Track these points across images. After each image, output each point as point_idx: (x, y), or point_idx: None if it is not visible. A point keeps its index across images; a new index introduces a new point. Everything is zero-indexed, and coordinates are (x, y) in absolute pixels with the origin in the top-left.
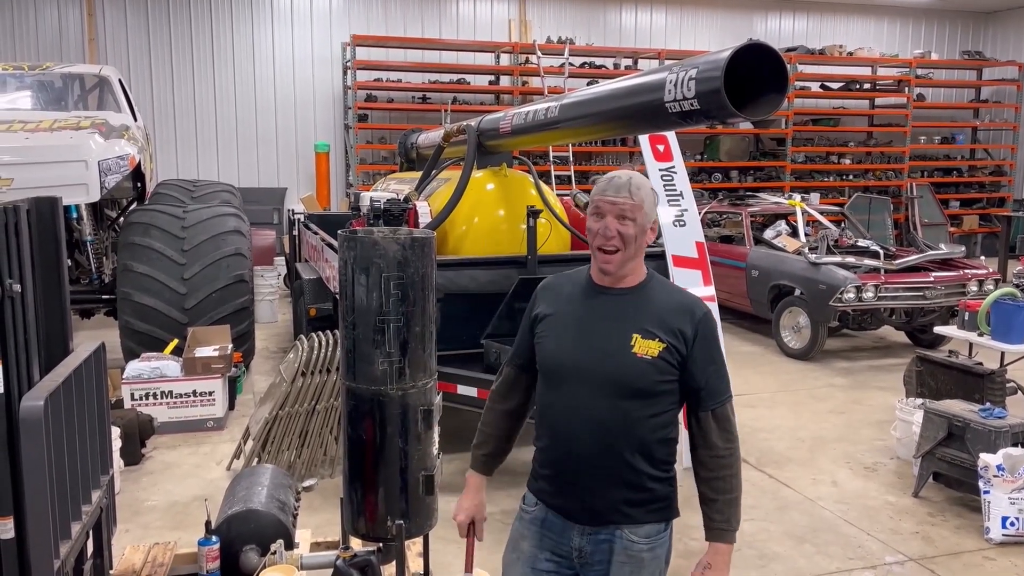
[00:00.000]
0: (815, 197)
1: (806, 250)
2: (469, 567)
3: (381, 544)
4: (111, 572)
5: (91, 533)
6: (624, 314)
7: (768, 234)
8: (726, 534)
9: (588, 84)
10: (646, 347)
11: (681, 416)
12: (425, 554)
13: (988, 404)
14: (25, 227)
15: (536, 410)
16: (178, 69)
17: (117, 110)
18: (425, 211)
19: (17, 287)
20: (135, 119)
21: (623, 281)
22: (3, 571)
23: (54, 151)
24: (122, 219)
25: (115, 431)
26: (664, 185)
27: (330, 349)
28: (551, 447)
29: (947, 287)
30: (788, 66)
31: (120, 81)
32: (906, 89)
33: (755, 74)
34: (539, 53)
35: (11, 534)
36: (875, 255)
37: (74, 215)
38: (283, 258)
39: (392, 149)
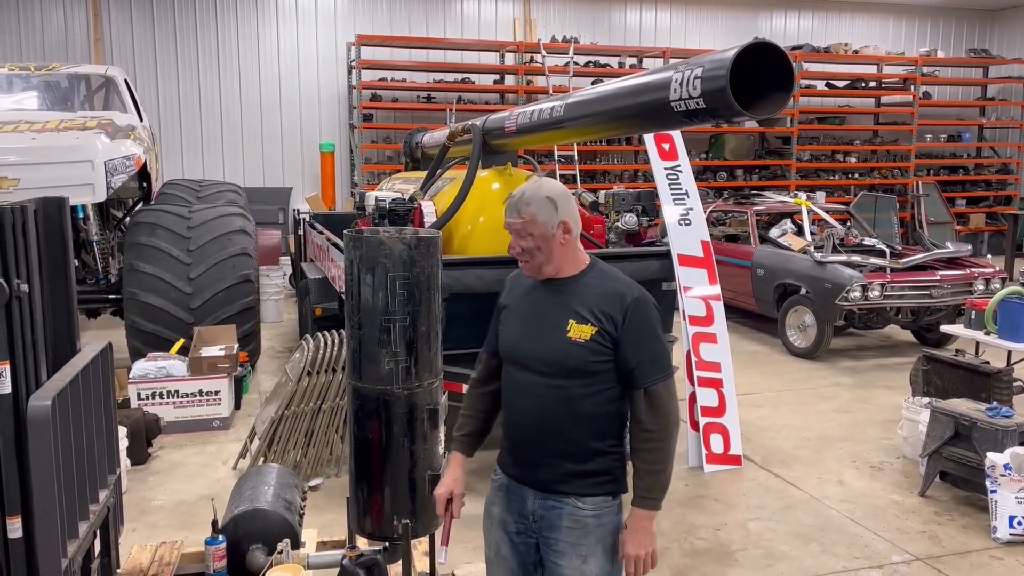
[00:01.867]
0: (820, 196)
1: (812, 249)
2: (445, 540)
3: (387, 543)
4: (118, 571)
5: (98, 532)
6: (563, 302)
7: (773, 233)
8: (644, 501)
9: (593, 83)
10: (579, 331)
11: (688, 418)
12: (431, 553)
13: (995, 403)
14: (32, 227)
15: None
16: (183, 69)
17: (123, 110)
18: (430, 210)
19: (24, 287)
20: (141, 119)
21: (562, 272)
22: (12, 570)
23: (60, 151)
24: (128, 219)
25: (122, 431)
26: (670, 184)
27: (336, 348)
28: (508, 423)
29: (953, 286)
30: (793, 64)
31: (126, 81)
32: (912, 87)
33: (760, 73)
34: (544, 52)
35: (19, 533)
36: (881, 254)
37: (80, 215)
38: (288, 258)
39: (397, 148)
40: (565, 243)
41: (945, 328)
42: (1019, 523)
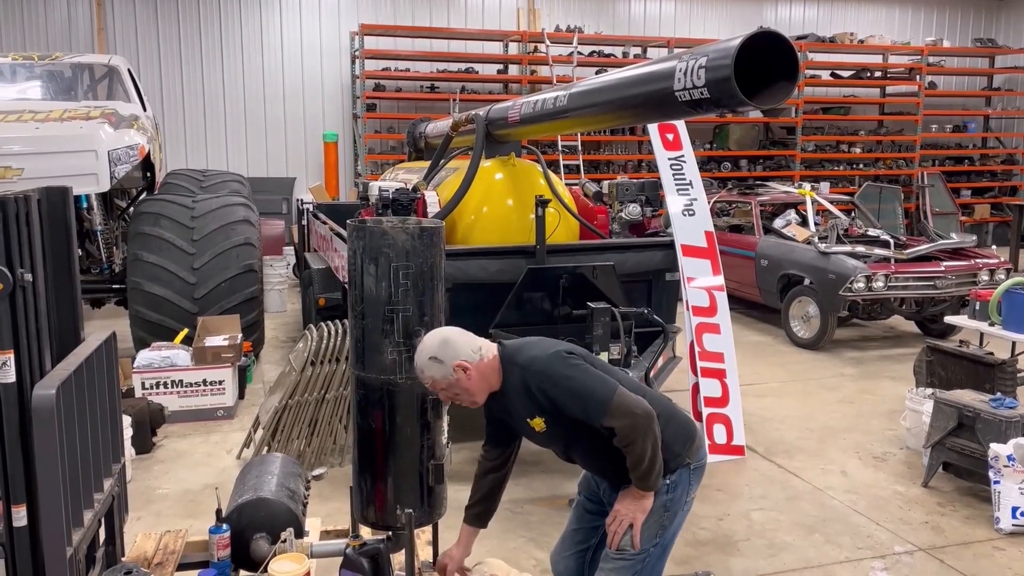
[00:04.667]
0: (825, 186)
1: (816, 239)
2: None
3: (391, 532)
4: (123, 559)
5: (103, 521)
6: (512, 408)
7: (778, 223)
8: (638, 485)
9: (597, 73)
10: (537, 424)
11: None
12: (434, 543)
13: (999, 394)
14: (36, 217)
15: None
16: (187, 59)
17: (126, 100)
18: (434, 201)
19: (28, 276)
20: (144, 109)
21: (494, 387)
22: (16, 558)
23: (64, 141)
24: (132, 209)
25: (126, 420)
26: (673, 174)
27: (339, 339)
28: None
29: (958, 276)
30: (798, 54)
31: (129, 71)
32: (917, 77)
33: (765, 62)
34: (548, 42)
35: (24, 522)
36: (885, 244)
37: (84, 205)
38: (292, 248)
39: (400, 139)
40: (471, 377)
41: (949, 319)
42: (1022, 514)
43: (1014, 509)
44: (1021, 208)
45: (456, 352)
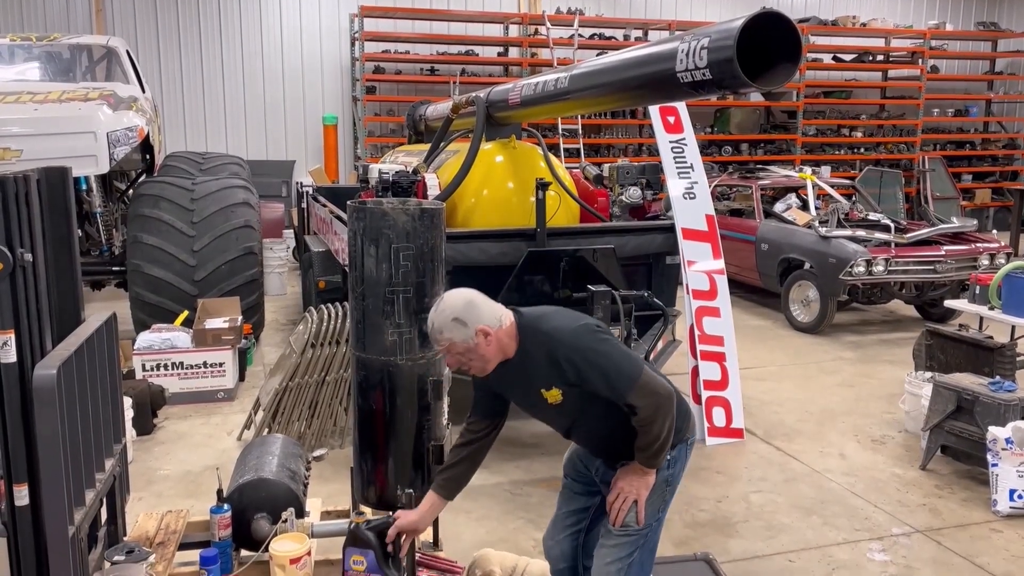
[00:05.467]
0: (826, 170)
1: (816, 223)
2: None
3: (391, 512)
4: (125, 538)
5: (105, 500)
6: (524, 378)
7: (778, 207)
8: (643, 462)
9: (598, 56)
10: (552, 396)
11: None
12: (435, 523)
13: (998, 377)
14: (35, 197)
15: None
16: (185, 41)
17: (125, 81)
18: (434, 183)
19: (28, 256)
20: (143, 91)
21: (507, 354)
22: (19, 537)
23: (63, 122)
24: (131, 191)
25: (127, 401)
26: (674, 157)
27: (339, 321)
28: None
29: (958, 261)
30: (800, 36)
31: (128, 52)
32: (919, 61)
33: (767, 44)
34: (548, 24)
35: (26, 501)
36: (886, 228)
37: (83, 187)
38: (292, 231)
39: (400, 121)
40: (491, 343)
41: (949, 303)
42: (1019, 496)
43: (1012, 491)
44: (1022, 193)
45: (480, 316)
